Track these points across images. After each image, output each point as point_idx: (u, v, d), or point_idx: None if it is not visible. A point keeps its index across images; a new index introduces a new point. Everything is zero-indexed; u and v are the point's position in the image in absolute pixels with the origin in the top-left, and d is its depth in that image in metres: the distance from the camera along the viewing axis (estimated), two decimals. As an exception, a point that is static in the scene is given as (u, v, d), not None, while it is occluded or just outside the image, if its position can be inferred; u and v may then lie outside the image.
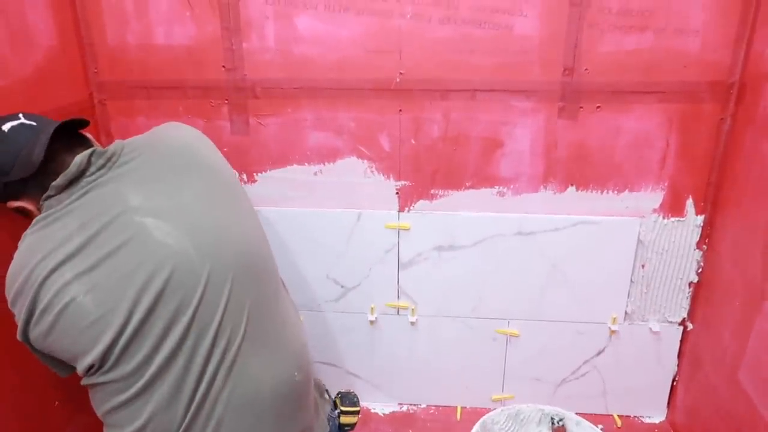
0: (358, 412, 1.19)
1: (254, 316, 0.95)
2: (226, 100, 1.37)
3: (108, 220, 0.87)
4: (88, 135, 1.02)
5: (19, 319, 0.87)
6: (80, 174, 0.90)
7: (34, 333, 0.86)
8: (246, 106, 1.37)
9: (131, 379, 0.87)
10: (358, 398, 1.21)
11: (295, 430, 1.01)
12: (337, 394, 1.21)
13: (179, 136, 1.06)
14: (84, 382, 0.90)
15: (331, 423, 1.13)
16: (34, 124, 0.92)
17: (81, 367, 0.87)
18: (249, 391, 0.94)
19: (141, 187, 0.92)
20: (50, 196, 0.89)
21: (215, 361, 0.91)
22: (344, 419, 1.18)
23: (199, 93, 1.37)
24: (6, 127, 0.90)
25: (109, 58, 1.36)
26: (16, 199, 0.93)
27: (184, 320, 0.88)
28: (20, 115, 0.93)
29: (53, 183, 0.88)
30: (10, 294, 0.88)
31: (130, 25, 1.33)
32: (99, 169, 0.91)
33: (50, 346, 0.87)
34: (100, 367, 0.86)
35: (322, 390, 1.17)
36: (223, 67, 1.34)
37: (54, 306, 0.84)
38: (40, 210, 0.91)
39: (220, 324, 0.91)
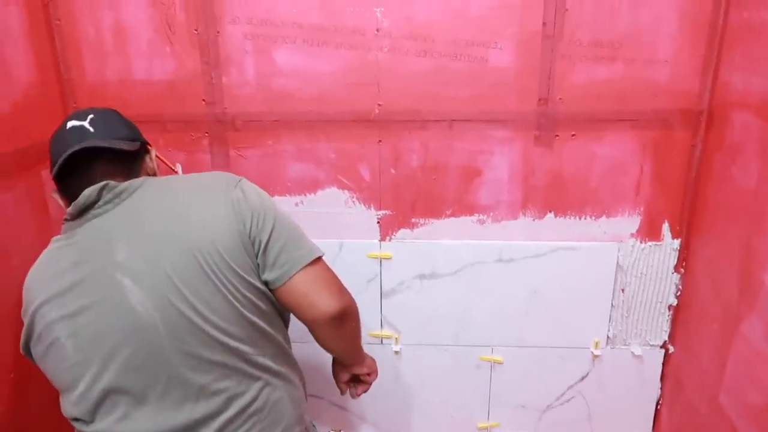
0: None
1: (236, 398, 0.91)
2: (206, 133, 1.38)
3: (94, 269, 0.86)
4: (151, 159, 1.02)
5: (23, 333, 0.90)
6: (89, 206, 0.89)
7: (35, 351, 0.90)
8: (226, 139, 1.38)
9: None
10: None
11: None
12: None
13: (199, 191, 0.94)
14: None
15: None
16: (91, 130, 0.91)
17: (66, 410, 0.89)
18: None
19: (131, 237, 0.87)
20: (67, 220, 0.91)
21: None
22: None
23: (180, 126, 1.38)
24: (69, 124, 0.91)
25: (88, 94, 1.36)
26: (56, 192, 0.95)
27: (155, 394, 0.87)
28: (90, 115, 0.92)
29: (68, 209, 0.90)
30: (23, 300, 0.91)
31: (109, 61, 1.34)
32: (106, 203, 0.89)
33: (45, 369, 0.91)
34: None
35: None
36: (203, 100, 1.35)
37: (45, 338, 0.87)
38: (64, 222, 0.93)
39: (197, 402, 0.88)
